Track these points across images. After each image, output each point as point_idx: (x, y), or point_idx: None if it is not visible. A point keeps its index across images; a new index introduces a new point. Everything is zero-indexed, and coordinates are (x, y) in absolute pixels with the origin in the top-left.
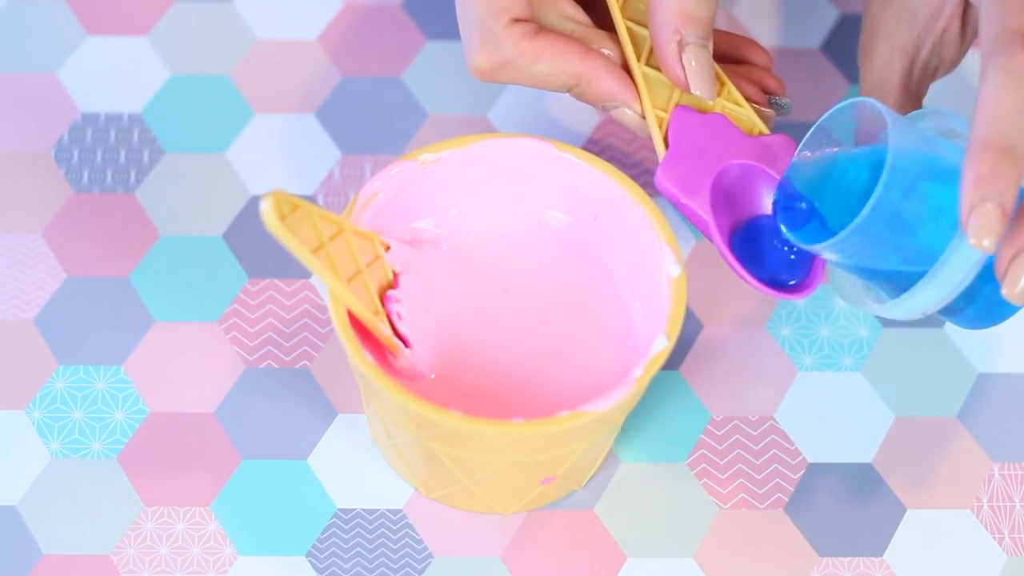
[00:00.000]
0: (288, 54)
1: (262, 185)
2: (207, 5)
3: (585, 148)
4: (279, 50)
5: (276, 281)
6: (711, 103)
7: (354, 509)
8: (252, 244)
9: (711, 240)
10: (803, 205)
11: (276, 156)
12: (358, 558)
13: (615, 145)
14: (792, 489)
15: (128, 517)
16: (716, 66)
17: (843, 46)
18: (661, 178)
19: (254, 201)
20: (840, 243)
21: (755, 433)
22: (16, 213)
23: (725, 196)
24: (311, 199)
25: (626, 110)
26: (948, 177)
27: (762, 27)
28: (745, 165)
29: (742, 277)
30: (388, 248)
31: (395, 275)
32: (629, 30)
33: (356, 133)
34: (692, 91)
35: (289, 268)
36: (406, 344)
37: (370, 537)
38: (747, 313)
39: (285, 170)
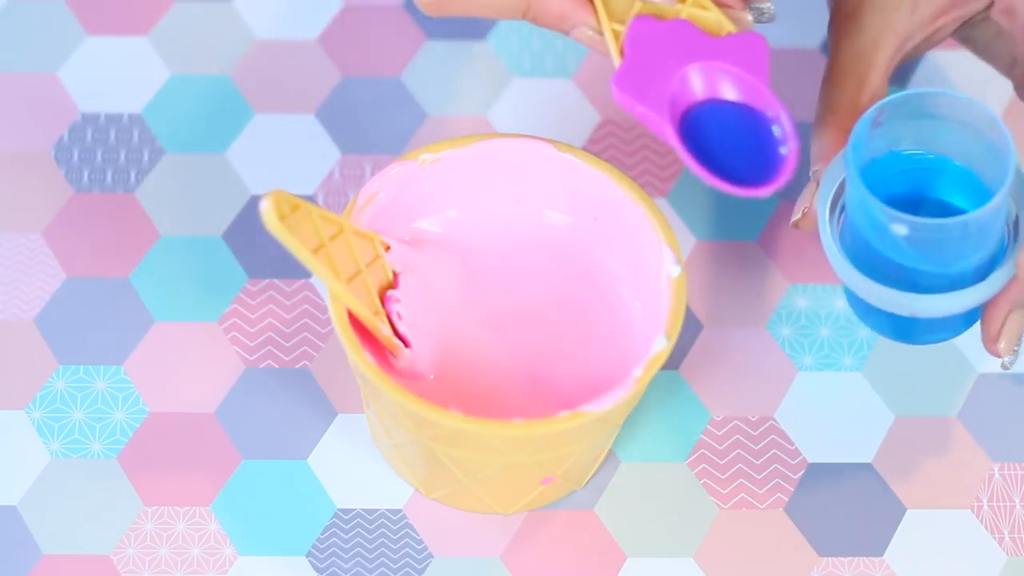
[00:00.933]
0: (288, 54)
1: (262, 185)
2: (207, 5)
3: (585, 148)
4: (279, 50)
5: (276, 281)
6: (673, 10)
7: (354, 509)
8: (252, 244)
9: (672, 145)
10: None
11: (276, 156)
12: (358, 558)
13: (615, 145)
14: (792, 489)
15: (128, 517)
16: None
17: None
18: (615, 88)
19: (254, 201)
20: (936, 227)
21: (755, 433)
22: (16, 213)
23: (691, 101)
24: (311, 199)
25: (585, 28)
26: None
27: (761, 27)
28: (707, 65)
29: (705, 179)
30: (388, 248)
31: (395, 275)
32: None
33: (356, 133)
34: None
35: (289, 268)
36: (406, 344)
37: (370, 537)
38: (747, 313)
39: (285, 170)
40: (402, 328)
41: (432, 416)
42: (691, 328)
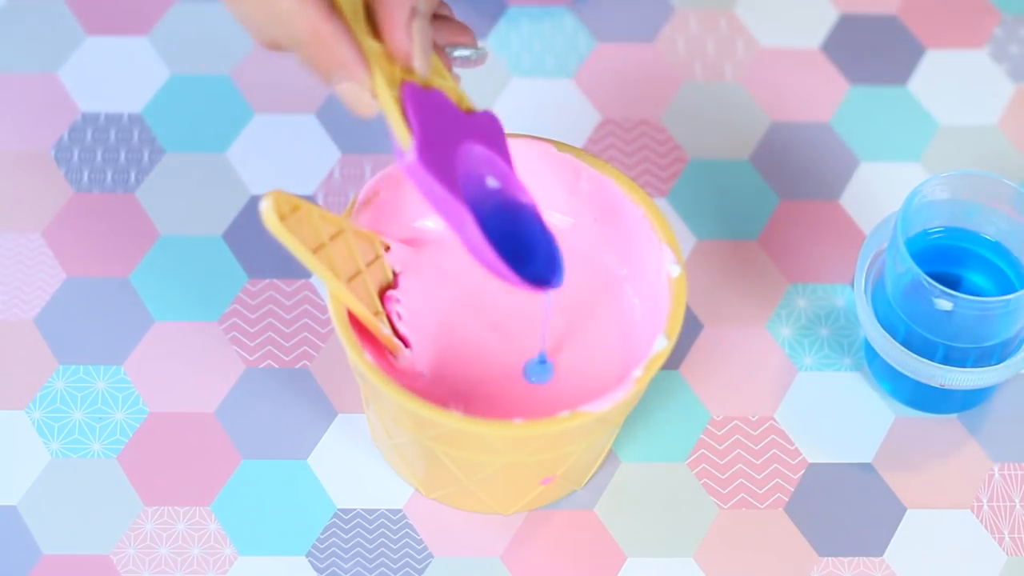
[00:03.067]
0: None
1: (262, 185)
2: (207, 5)
3: (585, 148)
4: None
5: (276, 281)
6: (431, 78)
7: (354, 509)
8: (252, 244)
9: (461, 234)
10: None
11: (276, 156)
12: (358, 558)
13: (615, 145)
14: (792, 489)
15: (128, 517)
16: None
17: (843, 46)
18: (419, 165)
19: (254, 201)
20: (981, 304)
21: (755, 433)
22: (16, 213)
23: (466, 183)
24: (311, 199)
25: (355, 86)
26: None
27: (762, 27)
28: (478, 149)
29: (499, 275)
30: (388, 248)
31: (395, 275)
32: None
33: (356, 133)
34: (414, 65)
35: (289, 268)
36: (406, 344)
37: (370, 537)
38: (747, 313)
39: (285, 170)
40: (402, 328)
41: (432, 416)
42: (691, 328)
